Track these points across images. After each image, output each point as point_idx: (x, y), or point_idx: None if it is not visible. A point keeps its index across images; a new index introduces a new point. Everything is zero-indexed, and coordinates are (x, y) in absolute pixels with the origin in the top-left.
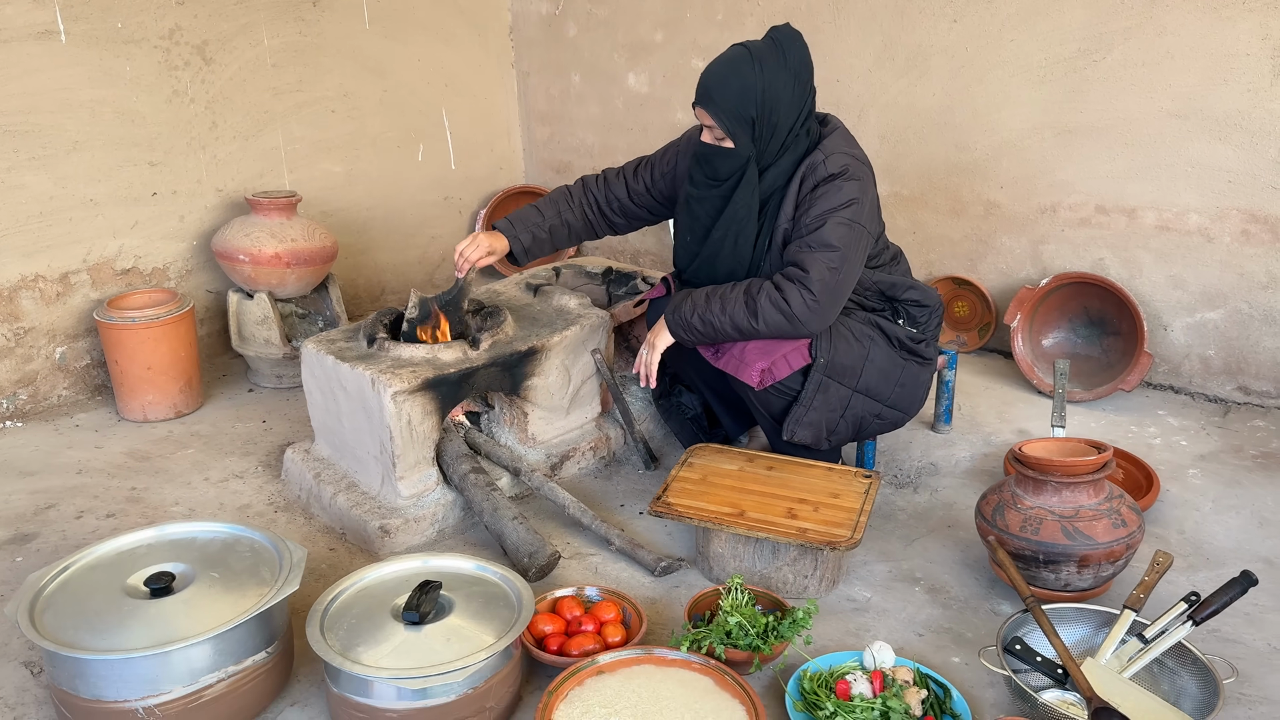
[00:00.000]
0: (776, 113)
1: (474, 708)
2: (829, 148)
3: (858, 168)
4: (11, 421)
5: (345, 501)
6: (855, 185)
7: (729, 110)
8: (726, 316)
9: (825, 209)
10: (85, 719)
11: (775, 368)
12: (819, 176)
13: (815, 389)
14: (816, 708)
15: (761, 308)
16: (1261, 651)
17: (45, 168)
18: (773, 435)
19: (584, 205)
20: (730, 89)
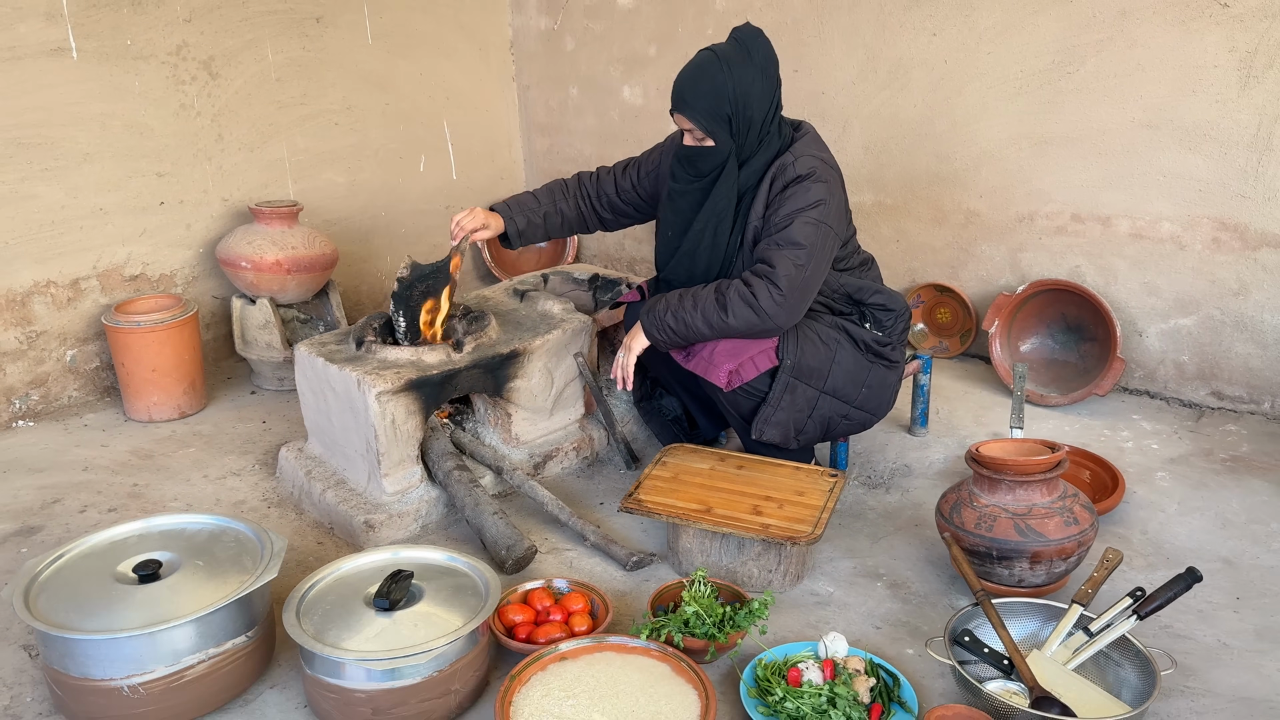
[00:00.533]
0: (750, 108)
1: (440, 690)
2: (799, 150)
3: (825, 170)
4: (23, 421)
5: (333, 497)
6: (822, 187)
7: (705, 111)
8: (699, 313)
9: (793, 209)
10: (75, 697)
11: (743, 369)
12: (788, 177)
13: (782, 390)
14: (768, 694)
15: (731, 302)
16: (1210, 647)
17: (57, 178)
18: (744, 435)
19: (578, 198)
20: (703, 92)
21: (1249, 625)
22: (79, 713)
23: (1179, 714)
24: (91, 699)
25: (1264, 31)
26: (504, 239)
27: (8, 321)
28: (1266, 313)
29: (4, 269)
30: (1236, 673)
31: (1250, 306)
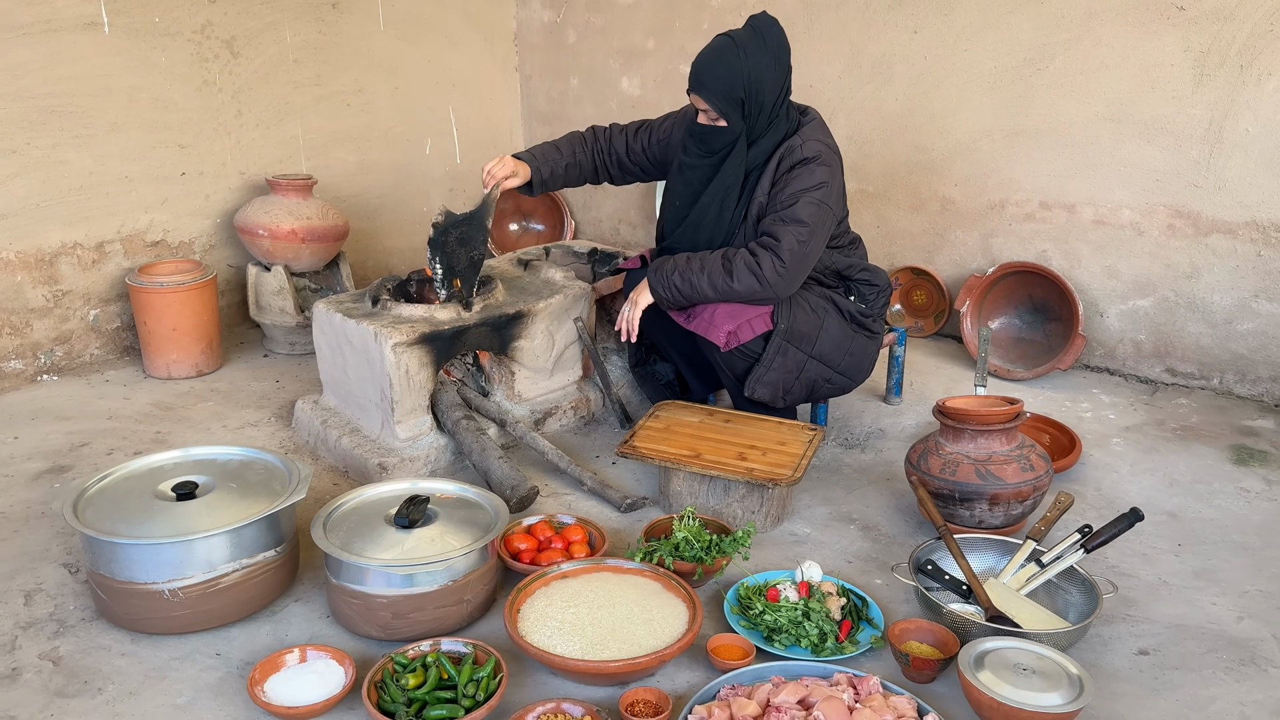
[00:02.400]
0: (761, 92)
1: (454, 598)
2: (806, 134)
3: (829, 155)
4: (48, 375)
5: (348, 443)
6: (826, 170)
7: (720, 94)
8: (705, 276)
9: (799, 188)
10: (118, 600)
11: (740, 331)
12: (795, 159)
13: (775, 352)
14: (749, 609)
15: (737, 269)
16: (1151, 584)
17: (86, 146)
18: (735, 394)
19: (594, 151)
20: (719, 75)
21: (1188, 567)
22: (121, 615)
23: (1119, 636)
24: (134, 601)
25: (1216, 33)
26: (527, 186)
27: (36, 279)
28: (1216, 294)
29: (34, 229)
30: (1173, 605)
31: (1201, 289)
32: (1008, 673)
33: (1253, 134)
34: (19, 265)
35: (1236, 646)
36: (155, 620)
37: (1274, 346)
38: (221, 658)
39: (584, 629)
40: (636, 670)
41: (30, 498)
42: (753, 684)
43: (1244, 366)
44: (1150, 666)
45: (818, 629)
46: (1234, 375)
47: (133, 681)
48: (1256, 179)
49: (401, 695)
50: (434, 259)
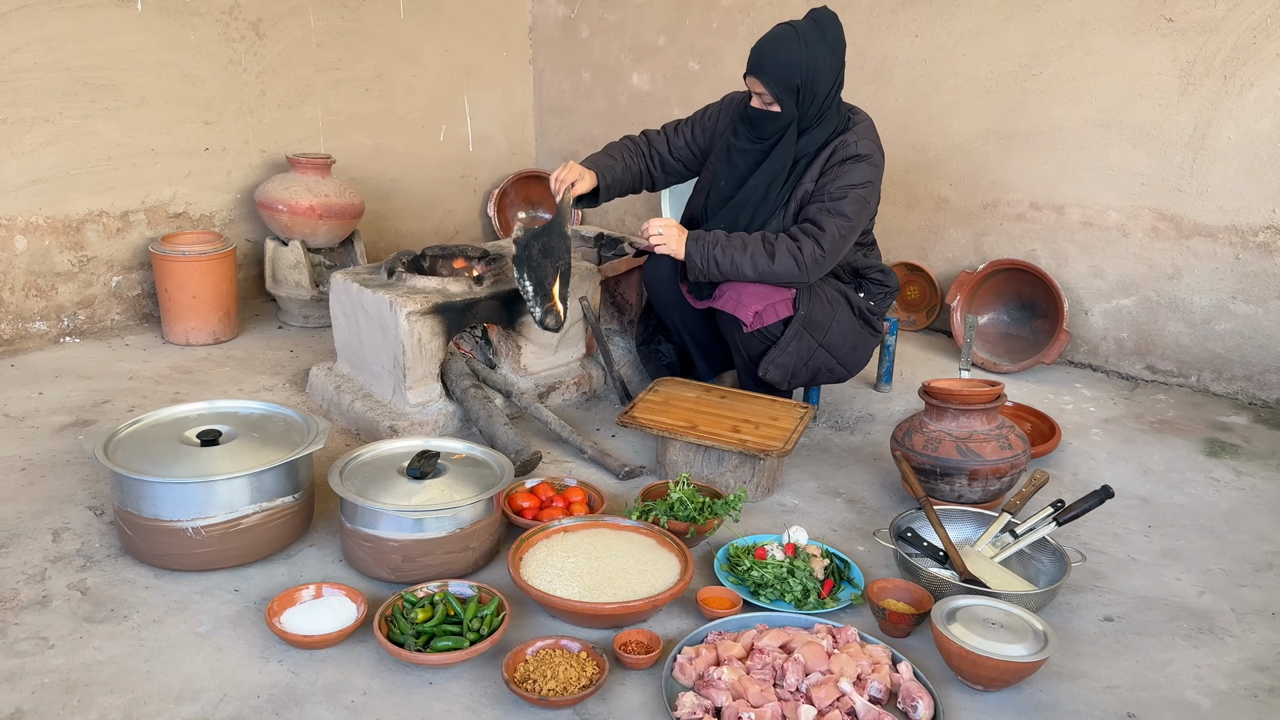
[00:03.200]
0: (816, 82)
1: (460, 545)
2: (860, 133)
3: (878, 157)
4: (70, 338)
5: (361, 407)
6: (873, 170)
7: (777, 79)
8: (747, 255)
9: (848, 183)
10: (144, 536)
11: (765, 313)
12: (848, 154)
13: (792, 336)
14: (737, 566)
15: (779, 253)
16: (1120, 560)
17: (115, 118)
18: (746, 374)
19: (642, 156)
20: (778, 61)
21: (1156, 546)
22: (147, 550)
23: (1087, 604)
24: (159, 538)
25: (1202, 44)
26: (592, 196)
27: (63, 245)
28: (1196, 295)
29: (63, 196)
30: (1139, 579)
31: (1182, 289)
32: (977, 626)
33: (1234, 142)
34: (47, 230)
35: (1196, 617)
36: (178, 557)
37: (1249, 347)
38: (240, 593)
39: (582, 576)
40: (630, 613)
41: (55, 447)
42: (739, 631)
43: (1220, 365)
44: (1114, 631)
45: (801, 585)
46: (1211, 374)
47: (156, 611)
48: (1236, 185)
49: (410, 628)
50: (522, 277)
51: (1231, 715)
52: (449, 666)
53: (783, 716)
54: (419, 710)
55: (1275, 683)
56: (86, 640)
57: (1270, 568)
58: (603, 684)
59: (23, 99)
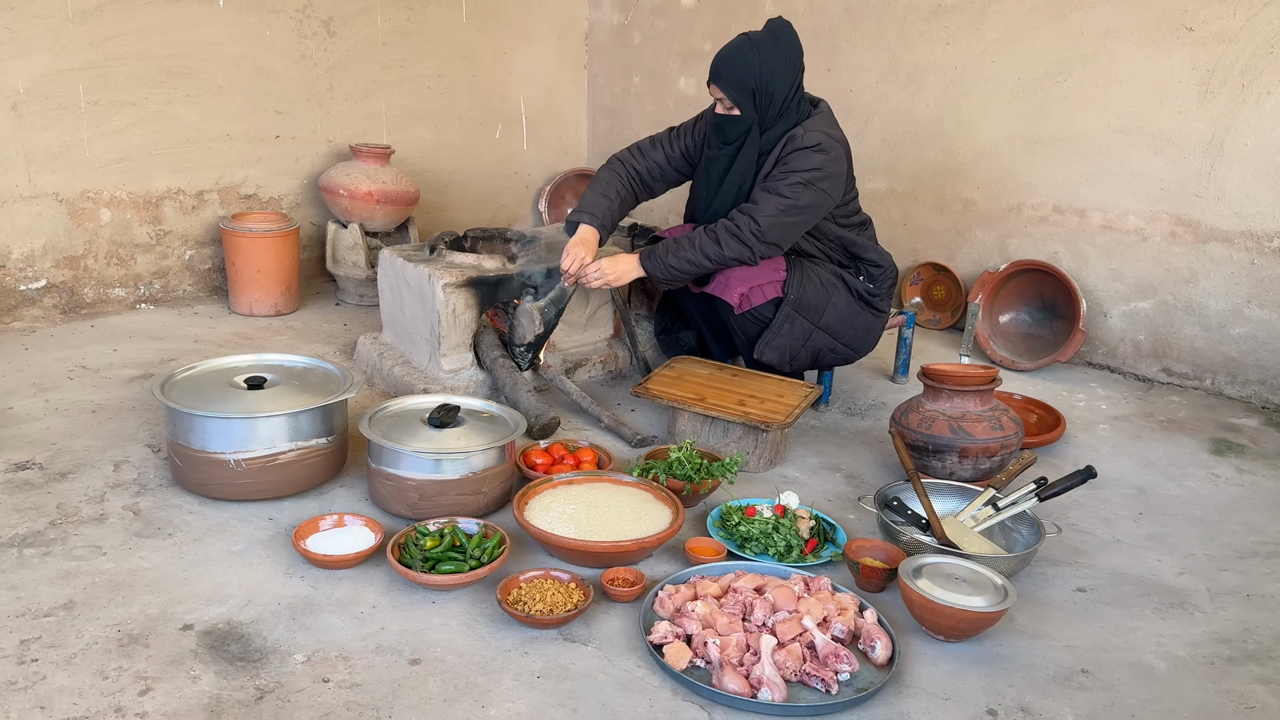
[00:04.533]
0: (772, 85)
1: (472, 488)
2: (809, 125)
3: (829, 143)
4: (145, 304)
5: (400, 372)
6: (822, 156)
7: (734, 84)
8: (696, 248)
9: (791, 169)
10: (192, 466)
11: (752, 295)
12: (795, 145)
13: (784, 320)
14: (728, 522)
15: (721, 235)
16: (1105, 541)
17: (195, 105)
18: (747, 356)
19: (629, 180)
20: (734, 67)
21: (1143, 531)
22: (193, 480)
23: (1062, 576)
24: (205, 468)
25: (1221, 53)
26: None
27: (143, 219)
28: (1212, 299)
29: (145, 174)
30: (1120, 558)
31: (1198, 293)
32: (942, 580)
33: (1251, 149)
34: (129, 204)
35: (1170, 594)
36: (221, 486)
37: (1263, 351)
38: (273, 522)
39: (580, 520)
40: (620, 552)
41: (124, 395)
42: (720, 575)
43: (1235, 369)
44: (1084, 601)
45: (785, 541)
46: (1225, 377)
47: (197, 531)
48: (1253, 191)
49: (419, 554)
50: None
51: (1184, 678)
52: (451, 589)
53: (746, 646)
54: (420, 623)
55: (1235, 654)
56: (134, 551)
57: (1255, 555)
58: (586, 609)
59: (113, 84)
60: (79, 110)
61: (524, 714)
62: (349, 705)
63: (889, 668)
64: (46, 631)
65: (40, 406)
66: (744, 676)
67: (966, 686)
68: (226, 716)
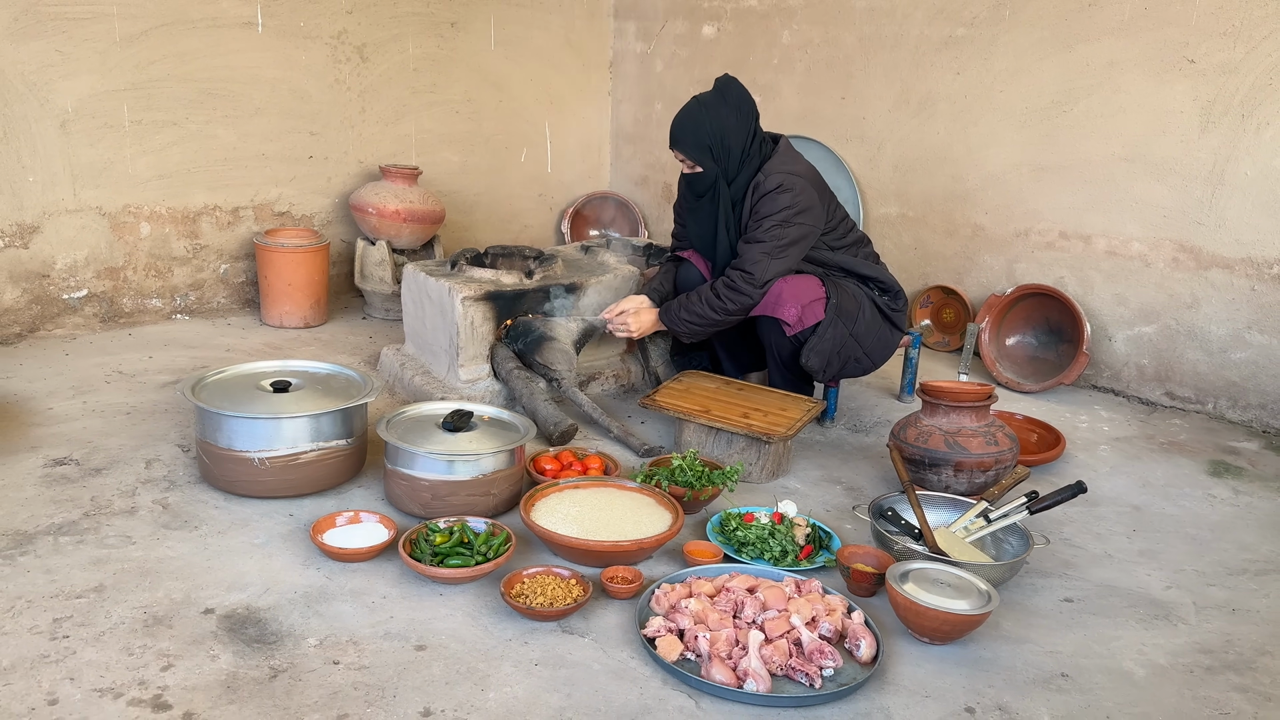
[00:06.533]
0: (727, 139)
1: (482, 490)
2: (769, 169)
3: (790, 180)
4: (181, 315)
5: (420, 381)
6: (788, 195)
7: (691, 144)
8: (705, 305)
9: (762, 215)
10: (219, 464)
11: (805, 315)
12: (760, 192)
13: (828, 324)
14: (726, 528)
15: (721, 294)
16: (1096, 555)
17: (233, 125)
18: (775, 374)
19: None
20: (688, 131)
21: (1135, 547)
22: (220, 477)
23: (1051, 586)
24: (231, 466)
25: (1222, 84)
26: None
27: (181, 233)
28: (1214, 324)
29: (184, 191)
30: (1110, 572)
31: (1200, 319)
32: (928, 585)
33: (1251, 177)
34: (168, 219)
35: (1156, 606)
36: (245, 483)
37: (1264, 376)
38: (294, 518)
39: (583, 521)
40: (620, 552)
41: (157, 399)
42: (715, 576)
43: (1236, 393)
44: (1071, 610)
45: (780, 546)
46: (1227, 401)
47: (222, 525)
48: (1253, 219)
49: (429, 549)
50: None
51: (1162, 684)
52: (458, 582)
53: (735, 641)
54: (427, 612)
55: (1215, 664)
56: (162, 541)
57: (1244, 573)
58: (585, 603)
59: (156, 104)
60: (123, 129)
61: (520, 698)
62: (357, 685)
63: (873, 665)
64: (78, 611)
65: (78, 408)
66: (731, 669)
67: (947, 685)
68: (242, 691)
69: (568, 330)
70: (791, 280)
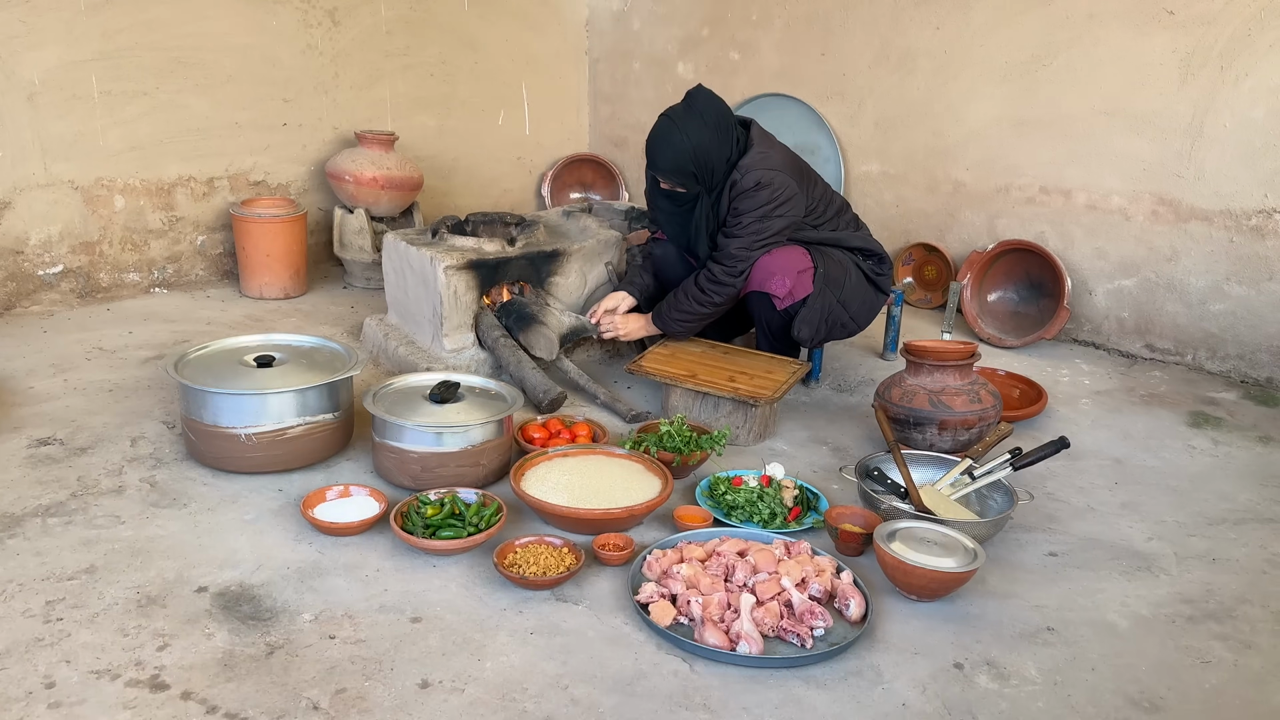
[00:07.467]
0: (709, 157)
1: (471, 461)
2: (745, 165)
3: (769, 176)
4: (159, 289)
5: (404, 352)
6: (767, 192)
7: (673, 171)
8: (691, 301)
9: (741, 212)
10: (205, 440)
11: (795, 289)
12: (737, 191)
13: (817, 294)
14: (715, 492)
15: (704, 286)
16: (1078, 508)
17: (205, 93)
18: (768, 340)
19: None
20: (668, 158)
21: (1117, 499)
22: (207, 454)
23: (1035, 541)
24: (217, 442)
25: (1201, 36)
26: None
27: (156, 205)
28: (1192, 277)
29: (157, 162)
30: (1093, 525)
31: (1180, 271)
32: (915, 543)
33: (1230, 129)
34: (143, 192)
35: (1138, 557)
36: (232, 459)
37: (1242, 327)
38: (283, 493)
39: (573, 489)
40: (611, 519)
41: (139, 375)
42: (705, 541)
43: (1215, 344)
44: (1055, 564)
45: (769, 509)
46: (1206, 352)
47: (211, 502)
48: (1231, 171)
49: (421, 521)
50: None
51: (1145, 635)
52: (450, 553)
53: (727, 604)
54: (421, 584)
55: (1196, 613)
56: (151, 520)
57: (1223, 522)
58: (578, 571)
59: (125, 74)
60: (92, 100)
61: (517, 666)
62: (353, 659)
63: (862, 624)
64: (70, 593)
65: (60, 386)
66: (724, 632)
67: (935, 642)
68: (239, 669)
69: (558, 321)
70: (778, 253)
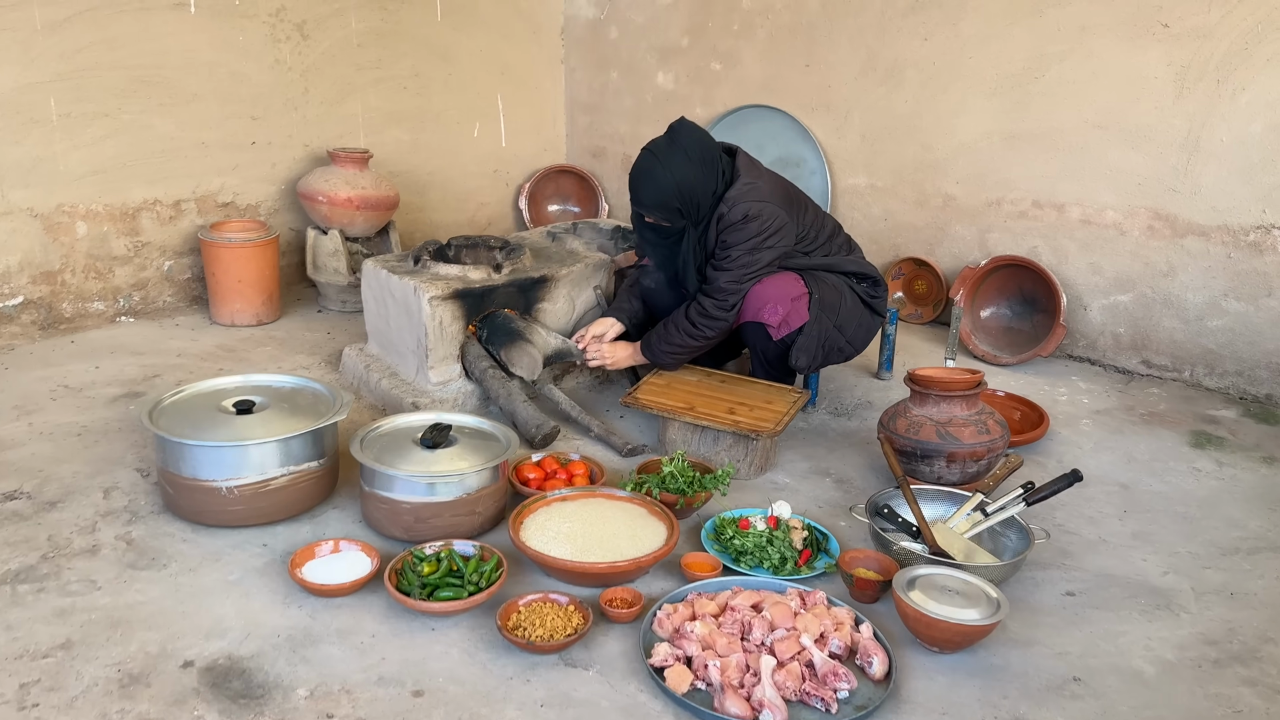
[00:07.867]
0: (694, 191)
1: (467, 509)
2: (732, 198)
3: (757, 208)
4: (125, 317)
5: (387, 384)
6: (755, 224)
7: (656, 206)
8: (682, 333)
9: (730, 245)
10: (184, 494)
11: (790, 318)
12: (724, 224)
13: (813, 321)
14: (722, 535)
15: (694, 319)
16: (1090, 541)
17: (169, 113)
18: (758, 371)
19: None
20: (651, 194)
21: (1128, 529)
22: (185, 508)
23: (1051, 580)
24: (197, 496)
25: (1196, 49)
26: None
27: (120, 231)
28: (1189, 292)
29: (121, 186)
30: (1106, 559)
31: (1176, 286)
32: (935, 592)
33: (1226, 144)
34: (106, 217)
35: (1156, 594)
36: (213, 513)
37: (1240, 343)
38: (268, 548)
39: (575, 539)
40: (617, 573)
41: (109, 415)
42: (717, 592)
43: (1213, 360)
44: (1073, 605)
45: (779, 554)
46: (1203, 368)
47: (192, 561)
48: (1228, 185)
49: (417, 580)
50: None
51: (1173, 683)
52: (450, 615)
53: (746, 666)
54: (421, 651)
55: (1221, 655)
56: (130, 584)
57: (1237, 551)
58: (586, 633)
59: (86, 95)
60: (51, 123)
61: None
62: None
63: (887, 683)
64: (46, 674)
65: (24, 431)
66: (745, 699)
67: (963, 699)
68: None
69: (544, 341)
70: (769, 281)
